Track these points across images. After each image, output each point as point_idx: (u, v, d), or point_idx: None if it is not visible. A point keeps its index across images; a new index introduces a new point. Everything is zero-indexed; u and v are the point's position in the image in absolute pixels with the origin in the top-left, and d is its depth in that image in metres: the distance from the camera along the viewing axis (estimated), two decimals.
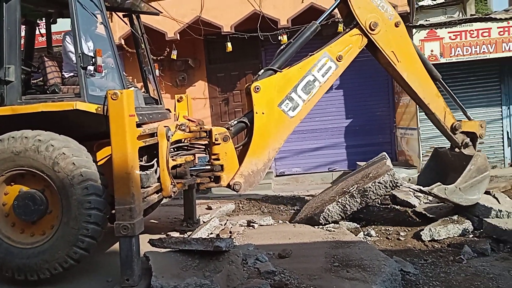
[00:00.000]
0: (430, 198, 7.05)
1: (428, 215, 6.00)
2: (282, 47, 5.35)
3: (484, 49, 8.22)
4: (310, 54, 5.33)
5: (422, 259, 4.94)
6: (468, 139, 5.85)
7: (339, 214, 5.78)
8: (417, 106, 5.95)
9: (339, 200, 5.78)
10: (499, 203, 6.20)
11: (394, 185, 5.65)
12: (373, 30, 5.29)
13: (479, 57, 8.26)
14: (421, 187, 5.68)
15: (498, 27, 8.14)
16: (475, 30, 8.20)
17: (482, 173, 5.61)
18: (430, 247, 5.31)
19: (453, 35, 8.24)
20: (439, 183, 5.54)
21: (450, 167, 6.04)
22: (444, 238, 5.42)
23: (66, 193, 3.88)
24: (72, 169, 3.87)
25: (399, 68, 5.51)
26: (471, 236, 5.45)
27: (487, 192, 6.69)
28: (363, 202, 5.69)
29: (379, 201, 7.00)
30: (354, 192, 5.72)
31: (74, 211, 3.87)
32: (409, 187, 6.10)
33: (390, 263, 4.32)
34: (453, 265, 4.70)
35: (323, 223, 5.81)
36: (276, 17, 8.48)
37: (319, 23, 5.41)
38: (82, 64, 4.14)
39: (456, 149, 5.97)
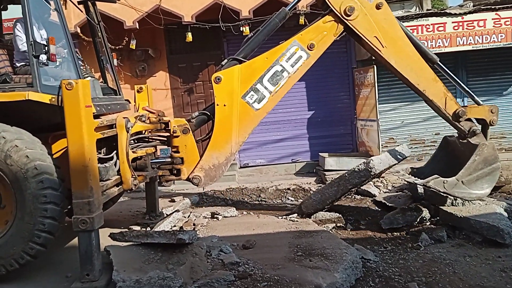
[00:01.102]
0: (390, 187, 7.26)
1: (387, 204, 6.16)
2: (249, 36, 5.12)
3: (439, 43, 8.49)
4: (280, 43, 5.09)
5: (382, 246, 5.08)
6: (477, 126, 5.33)
7: (319, 203, 5.71)
8: (414, 91, 5.46)
9: (320, 189, 5.77)
10: None
11: (368, 174, 5.49)
12: (349, 15, 4.91)
13: (435, 51, 8.41)
14: (417, 180, 5.29)
15: (452, 22, 8.42)
16: (431, 24, 8.45)
17: (490, 165, 5.06)
18: (390, 235, 5.46)
19: (410, 29, 8.38)
20: (436, 176, 5.08)
21: (461, 157, 5.36)
22: (402, 226, 5.59)
23: (20, 187, 3.73)
24: (26, 162, 3.71)
25: (384, 54, 5.11)
26: (428, 224, 5.65)
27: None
28: (340, 191, 5.58)
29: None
30: (334, 181, 5.66)
31: (29, 205, 3.72)
32: (404, 179, 5.60)
33: (352, 251, 4.41)
34: (411, 251, 4.85)
35: (305, 212, 5.78)
36: (238, 7, 8.41)
37: (288, 9, 5.12)
38: (34, 53, 3.95)
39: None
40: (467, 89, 5.65)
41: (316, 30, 5.00)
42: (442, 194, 5.15)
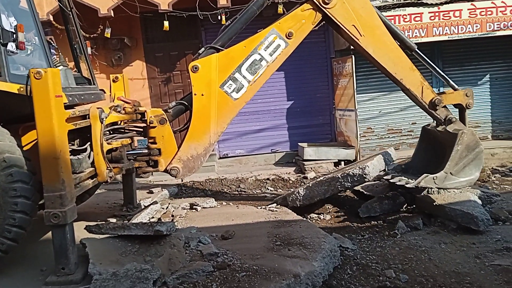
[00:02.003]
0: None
1: (365, 192, 6.22)
2: (226, 24, 5.03)
3: (416, 33, 8.57)
4: (258, 31, 5.01)
5: (360, 234, 5.14)
6: (451, 114, 5.47)
7: (306, 199, 5.68)
8: (391, 80, 5.50)
9: (310, 184, 5.70)
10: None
11: (362, 179, 5.52)
12: (327, 3, 4.88)
13: (412, 41, 8.59)
14: (409, 183, 5.24)
15: (429, 12, 8.51)
16: (408, 14, 8.52)
17: (473, 150, 5.19)
18: (367, 223, 5.53)
19: (387, 19, 8.49)
20: (425, 174, 5.13)
21: (444, 145, 5.49)
22: (379, 215, 5.66)
23: None
24: None
25: (362, 43, 5.10)
26: (404, 212, 5.74)
27: None
28: (329, 191, 5.56)
29: None
30: (324, 179, 5.61)
31: None
32: (396, 183, 5.47)
33: (330, 240, 4.44)
34: (388, 239, 4.92)
35: (290, 206, 5.77)
36: None
37: None
38: (2, 41, 3.78)
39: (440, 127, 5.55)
40: (444, 74, 5.71)
41: (294, 19, 4.95)
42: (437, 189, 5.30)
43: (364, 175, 5.49)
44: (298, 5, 5.06)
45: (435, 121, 5.68)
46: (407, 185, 5.26)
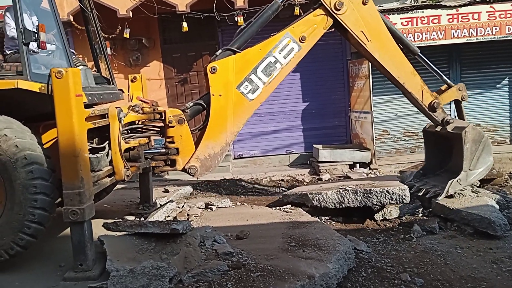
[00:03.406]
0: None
1: None
2: (242, 27, 5.13)
3: (434, 35, 8.48)
4: (272, 34, 5.12)
5: (375, 237, 5.10)
6: (449, 116, 5.77)
7: (334, 203, 5.64)
8: (393, 84, 5.79)
9: (340, 190, 5.66)
10: None
11: (401, 201, 5.47)
12: (338, 10, 5.08)
13: (429, 43, 8.52)
14: (437, 193, 5.56)
15: (447, 14, 8.41)
16: (426, 16, 8.44)
17: (480, 141, 5.51)
18: (382, 226, 5.50)
19: (405, 21, 8.44)
20: (450, 181, 5.43)
21: (451, 143, 5.86)
22: (395, 218, 5.63)
23: (10, 177, 3.67)
24: (15, 151, 3.65)
25: (369, 48, 5.31)
26: (420, 215, 5.69)
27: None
28: (362, 202, 5.53)
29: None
30: (359, 190, 5.57)
31: (18, 196, 3.67)
32: (427, 197, 5.72)
33: (344, 242, 4.43)
34: (403, 243, 4.89)
35: (314, 205, 5.74)
36: None
37: (281, 2, 5.19)
38: (24, 40, 3.88)
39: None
40: (441, 73, 5.95)
41: (307, 23, 5.12)
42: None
43: (404, 196, 5.45)
44: (311, 10, 5.19)
45: (429, 119, 5.93)
46: (439, 198, 5.48)
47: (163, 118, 4.90)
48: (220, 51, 5.08)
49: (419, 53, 5.75)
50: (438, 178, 5.92)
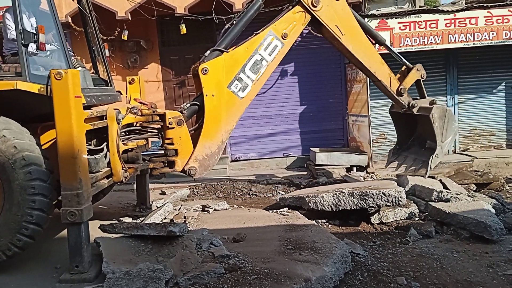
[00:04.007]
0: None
1: None
2: (226, 27, 5.26)
3: (431, 40, 8.52)
4: (255, 32, 5.23)
5: (371, 241, 5.12)
6: (413, 101, 6.22)
7: (330, 205, 5.66)
8: (365, 75, 6.31)
9: (337, 193, 5.68)
10: (446, 187, 6.55)
11: (397, 203, 5.52)
12: (315, 6, 5.30)
13: (427, 48, 8.57)
14: (428, 173, 6.12)
15: (445, 19, 8.45)
16: (424, 21, 8.48)
17: (444, 116, 6.08)
18: (379, 230, 5.51)
19: (403, 26, 8.48)
20: (430, 158, 6.02)
21: (419, 122, 6.48)
22: (391, 221, 5.64)
23: (8, 178, 3.68)
24: (14, 152, 3.66)
25: (344, 41, 5.58)
26: (417, 219, 5.71)
27: (432, 177, 7.09)
28: (359, 205, 5.55)
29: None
30: (355, 192, 5.59)
31: (17, 197, 3.68)
32: (410, 175, 6.46)
33: (341, 245, 4.44)
34: (400, 246, 4.90)
35: (311, 207, 5.75)
36: (231, 0, 8.36)
37: (262, 0, 5.37)
38: (23, 41, 3.89)
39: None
40: (397, 53, 6.39)
41: (288, 20, 5.31)
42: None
43: (400, 198, 5.50)
44: (290, 7, 5.36)
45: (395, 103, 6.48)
46: (429, 175, 6.16)
47: (163, 120, 4.90)
48: (208, 52, 5.14)
49: (385, 43, 6.24)
50: (413, 151, 6.60)
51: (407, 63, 6.30)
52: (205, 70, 4.91)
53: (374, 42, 6.02)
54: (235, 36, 5.17)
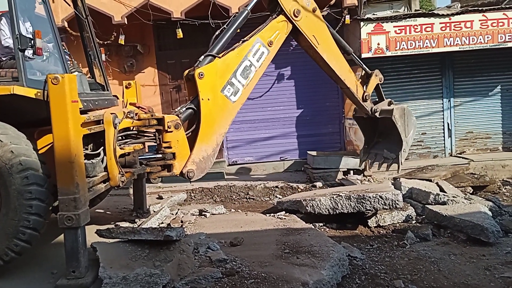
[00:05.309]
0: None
1: None
2: (217, 33, 5.38)
3: (427, 43, 8.56)
4: (242, 40, 5.38)
5: (369, 244, 5.12)
6: (375, 107, 6.75)
7: (327, 209, 5.68)
8: (335, 82, 6.68)
9: (334, 196, 5.70)
10: (443, 190, 6.57)
11: (394, 206, 5.55)
12: (297, 16, 5.57)
13: (422, 51, 8.60)
14: (400, 168, 6.68)
15: (440, 23, 8.49)
16: (419, 25, 8.52)
17: (404, 114, 6.63)
18: (376, 233, 5.52)
19: (399, 29, 8.52)
20: (399, 154, 6.53)
21: (383, 124, 6.94)
22: (389, 224, 5.65)
23: (5, 183, 3.67)
24: (11, 157, 3.65)
25: (319, 50, 5.90)
26: (414, 222, 5.73)
27: (429, 180, 7.13)
28: (356, 208, 5.57)
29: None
30: (352, 195, 5.61)
31: (13, 201, 3.67)
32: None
33: (338, 249, 4.44)
34: (397, 249, 4.91)
35: (308, 211, 5.77)
36: (228, 4, 8.38)
37: (249, 9, 5.56)
38: (20, 46, 3.88)
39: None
40: (358, 59, 6.92)
41: (272, 29, 5.53)
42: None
43: (397, 202, 5.52)
44: (274, 16, 5.57)
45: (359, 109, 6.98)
46: (398, 172, 6.87)
47: (161, 124, 4.91)
48: (202, 57, 5.24)
49: (352, 53, 6.69)
50: (380, 147, 7.07)
51: (367, 69, 6.87)
52: (201, 75, 5.01)
53: (342, 52, 6.30)
54: (226, 42, 5.32)
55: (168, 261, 3.91)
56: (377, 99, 6.97)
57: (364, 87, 6.69)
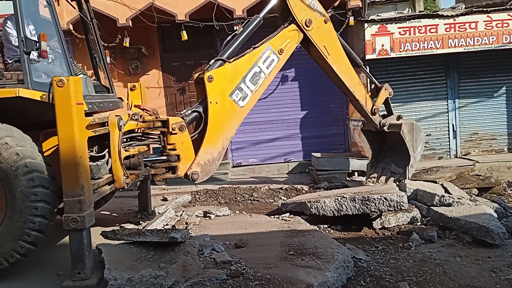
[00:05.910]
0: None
1: None
2: (228, 38, 5.43)
3: (431, 44, 8.55)
4: (253, 46, 5.40)
5: (373, 246, 5.11)
6: (384, 120, 6.72)
7: (332, 211, 5.67)
8: (344, 93, 6.76)
9: (338, 198, 5.69)
10: (448, 192, 6.54)
11: (399, 207, 5.52)
12: (308, 26, 5.60)
13: (427, 52, 8.59)
14: (407, 180, 6.69)
15: (444, 24, 8.48)
16: (423, 26, 8.51)
17: (412, 129, 6.66)
18: (381, 235, 5.50)
19: (403, 31, 8.51)
20: (407, 168, 6.57)
21: (392, 139, 6.91)
22: (394, 226, 5.63)
23: (10, 185, 3.68)
24: (16, 159, 3.67)
25: (330, 61, 5.92)
26: (419, 223, 5.70)
27: (434, 181, 7.09)
28: (361, 210, 5.56)
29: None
30: (357, 197, 5.60)
31: (19, 204, 3.68)
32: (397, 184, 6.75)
33: (343, 250, 4.43)
34: (402, 251, 4.89)
35: (313, 213, 5.77)
36: (232, 7, 8.40)
37: (262, 16, 5.58)
38: (25, 49, 3.91)
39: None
40: (369, 73, 7.11)
41: (283, 37, 5.57)
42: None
43: (402, 203, 5.49)
44: (286, 24, 5.61)
45: (367, 122, 6.93)
46: (405, 182, 6.64)
47: (165, 126, 4.93)
48: (212, 61, 5.28)
49: (362, 66, 6.77)
50: (388, 162, 7.03)
51: (377, 82, 6.86)
52: (211, 78, 5.04)
53: (352, 64, 6.30)
54: (236, 48, 5.36)
55: (173, 262, 3.91)
56: (385, 113, 6.95)
57: (374, 100, 6.67)
